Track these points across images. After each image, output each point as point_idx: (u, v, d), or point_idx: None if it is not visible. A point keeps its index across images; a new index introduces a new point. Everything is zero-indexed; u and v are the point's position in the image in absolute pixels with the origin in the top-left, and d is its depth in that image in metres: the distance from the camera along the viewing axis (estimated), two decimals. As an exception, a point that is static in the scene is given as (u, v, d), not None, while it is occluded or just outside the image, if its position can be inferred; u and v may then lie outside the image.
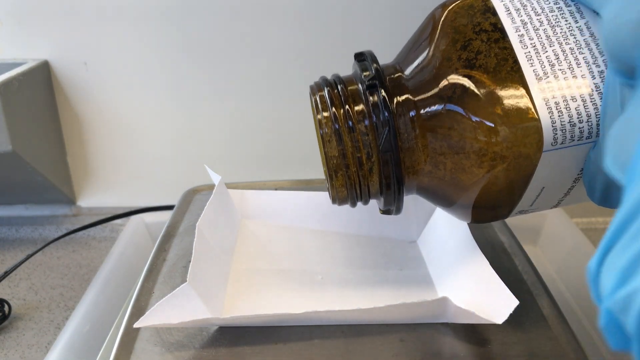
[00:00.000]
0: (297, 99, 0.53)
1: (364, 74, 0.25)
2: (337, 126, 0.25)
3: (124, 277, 0.43)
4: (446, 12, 0.25)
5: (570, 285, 0.43)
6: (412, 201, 0.34)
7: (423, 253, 0.34)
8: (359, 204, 0.27)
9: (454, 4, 0.25)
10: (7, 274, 0.42)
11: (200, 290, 0.26)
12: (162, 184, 0.57)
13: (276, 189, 0.39)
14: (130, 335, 0.26)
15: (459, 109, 0.23)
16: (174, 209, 0.39)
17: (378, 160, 0.25)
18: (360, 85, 0.26)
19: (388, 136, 0.24)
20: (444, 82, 0.24)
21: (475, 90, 0.23)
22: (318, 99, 0.26)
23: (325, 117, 0.25)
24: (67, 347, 0.33)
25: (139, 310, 0.28)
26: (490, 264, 0.27)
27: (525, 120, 0.22)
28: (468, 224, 0.30)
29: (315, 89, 0.27)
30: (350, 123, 0.25)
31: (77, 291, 0.44)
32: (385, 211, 0.27)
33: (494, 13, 0.23)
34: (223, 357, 0.25)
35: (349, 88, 0.26)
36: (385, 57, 0.28)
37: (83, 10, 0.50)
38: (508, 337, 0.26)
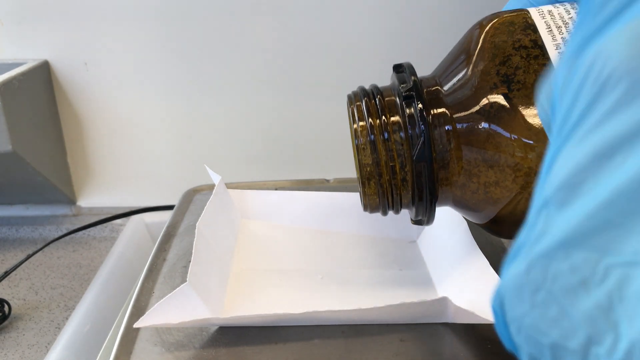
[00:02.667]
0: (298, 99, 0.53)
1: (402, 85, 0.25)
2: (372, 137, 0.25)
3: (124, 277, 0.43)
4: (487, 28, 0.25)
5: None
6: None
7: (423, 253, 0.34)
8: (390, 212, 0.27)
9: (494, 20, 0.25)
10: (7, 274, 0.42)
11: (200, 290, 0.26)
12: (162, 184, 0.57)
13: (276, 189, 0.39)
14: (130, 335, 0.26)
15: (497, 127, 0.23)
16: (174, 209, 0.39)
17: (412, 170, 0.25)
18: (397, 97, 0.26)
19: (422, 146, 0.24)
20: (482, 99, 0.24)
21: (513, 107, 0.23)
22: (355, 108, 0.26)
23: (362, 127, 0.26)
24: (67, 347, 0.33)
25: (139, 310, 0.28)
26: (490, 263, 0.27)
27: None
28: (468, 223, 0.30)
29: (353, 98, 0.27)
30: (386, 135, 0.25)
31: (77, 291, 0.44)
32: (417, 221, 0.28)
33: (534, 30, 0.23)
34: (223, 357, 0.25)
35: (386, 99, 0.26)
36: (391, 59, 0.28)
37: (83, 10, 0.50)
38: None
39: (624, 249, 0.12)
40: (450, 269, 0.30)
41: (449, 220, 0.32)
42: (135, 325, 0.25)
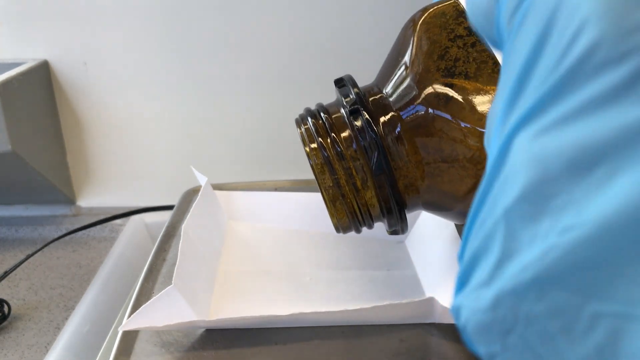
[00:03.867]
0: (298, 98, 0.53)
1: (346, 100, 0.25)
2: (326, 154, 0.25)
3: (124, 277, 0.43)
4: (418, 24, 0.24)
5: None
6: None
7: (411, 253, 0.34)
8: (364, 229, 0.27)
9: (425, 15, 0.24)
10: (7, 274, 0.42)
11: (186, 293, 0.26)
12: (162, 184, 0.57)
13: (276, 189, 0.39)
14: (130, 335, 0.26)
15: (447, 116, 0.23)
16: (174, 209, 0.39)
17: (374, 185, 0.25)
18: (343, 111, 0.25)
19: (379, 156, 0.24)
20: (427, 93, 0.23)
21: (460, 98, 0.22)
22: (304, 131, 0.26)
23: (314, 148, 0.25)
24: (66, 348, 0.33)
25: (139, 310, 0.28)
26: None
27: None
28: (455, 224, 0.30)
29: (300, 121, 0.27)
30: (339, 149, 0.25)
31: (77, 291, 0.44)
32: (393, 232, 0.28)
33: (466, 17, 0.23)
34: (223, 357, 0.25)
35: (333, 116, 0.26)
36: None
37: (83, 10, 0.50)
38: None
39: (613, 295, 0.10)
40: (438, 269, 0.30)
41: (436, 221, 0.32)
42: (121, 329, 0.25)
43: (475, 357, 0.13)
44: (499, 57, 0.22)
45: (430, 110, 0.23)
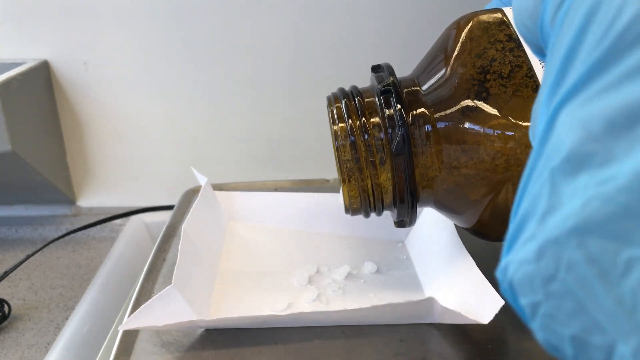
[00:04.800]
0: (298, 99, 0.53)
1: (380, 85, 0.25)
2: (352, 138, 0.25)
3: (124, 277, 0.43)
4: (463, 26, 0.25)
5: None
6: None
7: (411, 253, 0.34)
8: (373, 215, 0.27)
9: (471, 18, 0.25)
10: (7, 274, 0.42)
11: (186, 293, 0.26)
12: (162, 184, 0.57)
13: (276, 189, 0.39)
14: (130, 335, 0.26)
15: (474, 119, 0.23)
16: (174, 209, 0.39)
17: (391, 166, 0.25)
18: (377, 98, 0.26)
19: (402, 140, 0.24)
20: (462, 94, 0.24)
21: (490, 95, 0.23)
22: (335, 110, 0.26)
23: (342, 128, 0.26)
24: (67, 348, 0.33)
25: (139, 310, 0.28)
26: (477, 264, 0.27)
27: None
28: (455, 225, 0.30)
29: (333, 100, 0.27)
30: (367, 136, 0.25)
31: (77, 291, 0.44)
32: (399, 223, 0.28)
33: (508, 26, 0.24)
34: (223, 357, 0.25)
35: (366, 100, 0.26)
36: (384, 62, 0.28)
37: (83, 10, 0.50)
38: (507, 337, 0.26)
39: None
40: (437, 269, 0.30)
41: (436, 222, 0.32)
42: (121, 328, 0.25)
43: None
44: (536, 65, 0.23)
45: (461, 110, 0.24)
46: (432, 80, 0.26)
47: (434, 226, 0.32)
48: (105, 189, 0.57)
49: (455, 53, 0.25)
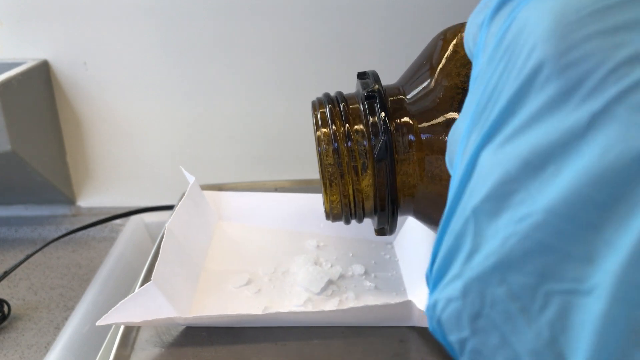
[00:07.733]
0: (297, 99, 0.53)
1: (365, 92, 0.26)
2: (335, 145, 0.25)
3: (124, 277, 0.43)
4: (450, 38, 0.25)
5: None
6: None
7: (398, 255, 0.34)
8: (353, 222, 0.27)
9: (456, 29, 0.26)
10: (6, 274, 0.42)
11: (167, 289, 0.26)
12: (162, 184, 0.57)
13: (276, 189, 0.39)
14: (130, 336, 0.27)
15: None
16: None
17: (373, 172, 0.25)
18: (361, 105, 0.26)
19: (384, 145, 0.25)
20: (446, 107, 0.24)
21: None
22: (319, 115, 0.26)
23: (325, 134, 0.26)
24: (66, 348, 0.33)
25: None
26: None
27: None
28: None
29: (317, 105, 0.27)
30: (350, 143, 0.25)
31: (77, 291, 0.44)
32: (380, 231, 0.28)
33: None
34: (223, 356, 0.25)
35: (351, 107, 0.26)
36: (382, 63, 0.28)
37: (83, 10, 0.50)
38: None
39: (562, 275, 0.11)
40: (422, 271, 0.30)
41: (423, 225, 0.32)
42: (98, 323, 0.25)
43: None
44: None
45: (445, 124, 0.24)
46: (417, 90, 0.26)
47: (421, 229, 0.32)
48: (105, 189, 0.57)
49: (440, 65, 0.25)
